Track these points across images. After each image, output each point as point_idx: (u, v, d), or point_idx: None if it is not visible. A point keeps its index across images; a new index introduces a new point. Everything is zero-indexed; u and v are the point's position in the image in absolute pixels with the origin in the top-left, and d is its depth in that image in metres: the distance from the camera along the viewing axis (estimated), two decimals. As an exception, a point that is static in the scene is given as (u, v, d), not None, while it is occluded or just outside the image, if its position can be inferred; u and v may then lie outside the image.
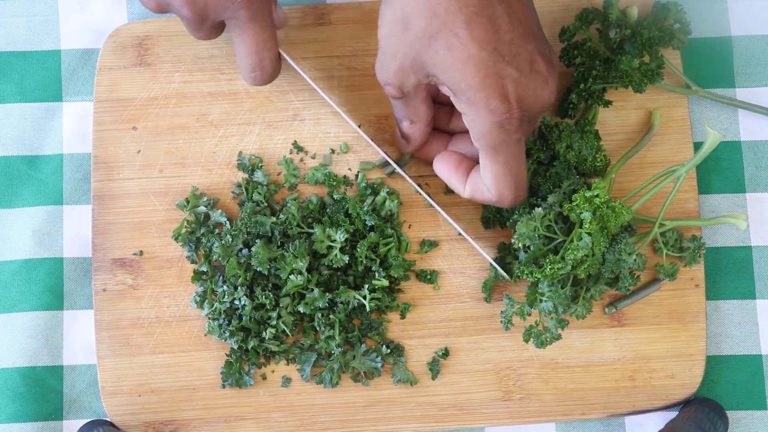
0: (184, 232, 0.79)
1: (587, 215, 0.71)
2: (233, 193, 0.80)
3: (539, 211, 0.73)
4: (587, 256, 0.72)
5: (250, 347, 0.77)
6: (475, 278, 0.79)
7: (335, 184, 0.80)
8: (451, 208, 0.80)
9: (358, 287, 0.77)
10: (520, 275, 0.73)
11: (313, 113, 0.81)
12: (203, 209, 0.79)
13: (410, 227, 0.80)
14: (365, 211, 0.77)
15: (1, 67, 0.83)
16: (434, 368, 0.78)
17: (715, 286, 0.81)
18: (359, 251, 0.76)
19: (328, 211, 0.78)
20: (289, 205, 0.78)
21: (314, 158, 0.81)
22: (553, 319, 0.73)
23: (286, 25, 0.77)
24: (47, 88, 0.83)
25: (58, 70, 0.83)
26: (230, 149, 0.81)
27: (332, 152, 0.81)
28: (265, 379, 0.78)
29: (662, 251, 0.77)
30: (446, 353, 0.78)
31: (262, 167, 0.80)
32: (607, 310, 0.78)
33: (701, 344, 0.79)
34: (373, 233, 0.77)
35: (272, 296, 0.76)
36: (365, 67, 0.81)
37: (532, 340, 0.74)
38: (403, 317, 0.79)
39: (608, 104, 0.79)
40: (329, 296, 0.76)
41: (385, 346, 0.78)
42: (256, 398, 0.78)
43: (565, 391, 0.78)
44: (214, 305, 0.77)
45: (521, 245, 0.73)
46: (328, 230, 0.76)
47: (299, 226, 0.78)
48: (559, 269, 0.71)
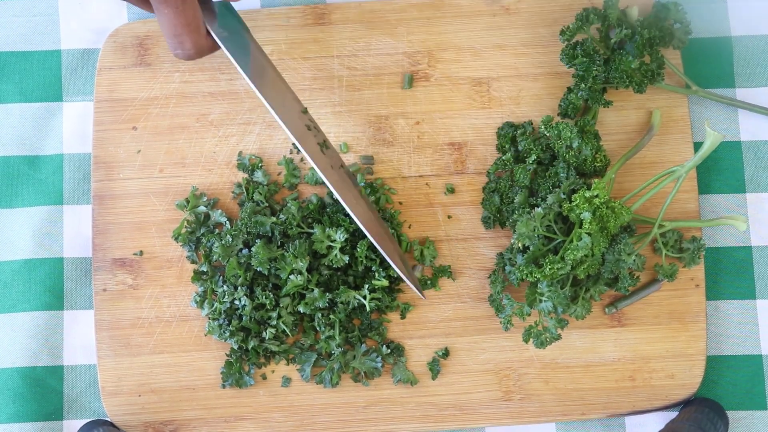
0: (184, 232, 0.79)
1: (587, 215, 0.71)
2: (233, 193, 0.80)
3: (539, 211, 0.73)
4: (587, 256, 0.72)
5: (250, 347, 0.77)
6: (475, 278, 0.79)
7: (335, 184, 0.80)
8: (450, 208, 0.80)
9: (358, 287, 0.77)
10: (520, 276, 0.73)
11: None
12: (203, 209, 0.79)
13: (410, 227, 0.80)
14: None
15: (1, 67, 0.83)
16: (434, 368, 0.78)
17: (715, 286, 0.81)
18: (359, 251, 0.76)
19: (327, 210, 0.78)
20: (289, 205, 0.78)
21: (314, 158, 0.81)
22: (552, 319, 0.73)
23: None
24: (47, 88, 0.83)
25: (58, 70, 0.83)
26: (230, 149, 0.81)
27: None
28: (265, 379, 0.78)
29: (662, 252, 0.77)
30: (446, 353, 0.78)
31: (262, 167, 0.80)
32: (607, 310, 0.78)
33: (701, 344, 0.79)
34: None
35: (272, 296, 0.76)
36: (365, 67, 0.81)
37: (531, 340, 0.74)
38: (403, 317, 0.79)
39: (608, 104, 0.79)
40: (329, 296, 0.76)
41: (385, 346, 0.78)
42: (256, 398, 0.78)
43: (565, 391, 0.78)
44: (214, 305, 0.77)
45: (521, 245, 0.73)
46: (327, 230, 0.76)
47: (299, 226, 0.78)
48: (558, 269, 0.71)
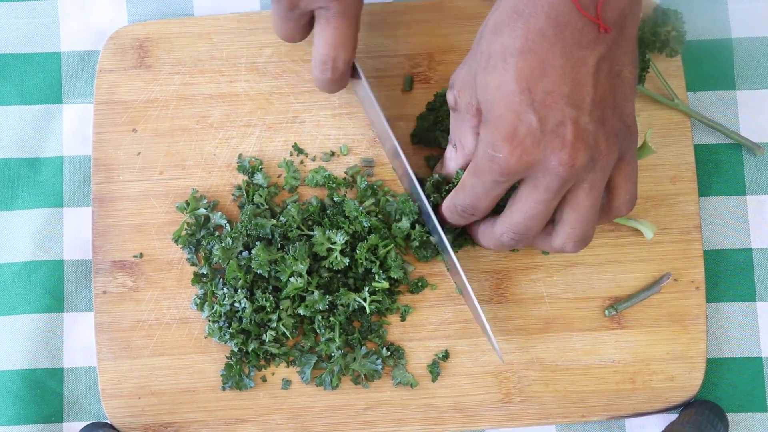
0: (184, 234, 0.79)
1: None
2: (233, 195, 0.80)
3: None
4: None
5: (250, 349, 0.77)
6: (475, 280, 0.79)
7: (335, 186, 0.79)
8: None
9: (358, 290, 0.77)
10: None
11: (313, 115, 0.81)
12: (203, 211, 0.79)
13: (410, 229, 0.80)
14: (362, 212, 0.77)
15: (1, 69, 0.83)
16: (434, 370, 0.78)
17: (715, 288, 0.81)
18: (358, 253, 0.76)
19: (327, 213, 0.78)
20: (289, 207, 0.78)
21: (314, 160, 0.81)
22: None
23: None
24: (47, 90, 0.83)
25: (58, 72, 0.83)
26: (230, 151, 0.81)
27: (332, 154, 0.81)
28: (265, 381, 0.78)
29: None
30: (446, 355, 0.78)
31: (262, 169, 0.80)
32: (607, 312, 0.78)
33: (701, 346, 0.79)
34: (372, 235, 0.77)
35: (272, 299, 0.76)
36: (365, 67, 0.81)
37: None
38: (403, 319, 0.79)
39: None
40: (329, 298, 0.76)
41: (385, 348, 0.78)
42: (256, 400, 0.78)
43: (565, 393, 0.78)
44: (214, 308, 0.77)
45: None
46: (327, 232, 0.76)
47: (299, 228, 0.78)
48: None
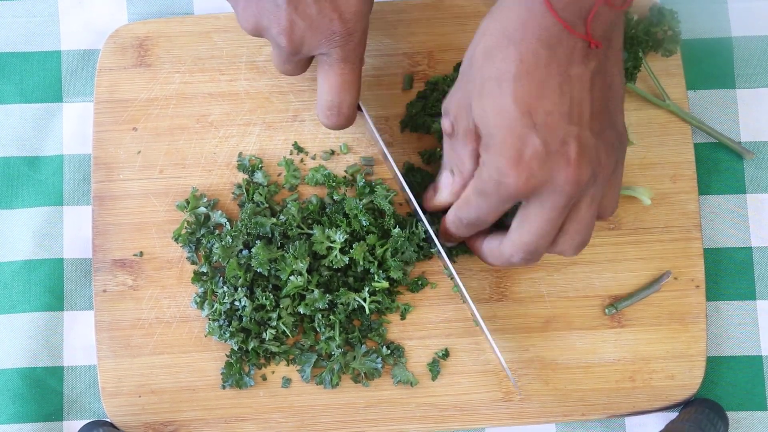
0: (184, 233, 0.79)
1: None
2: (233, 194, 0.80)
3: None
4: None
5: (250, 348, 0.77)
6: (475, 279, 0.79)
7: (335, 185, 0.79)
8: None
9: (358, 289, 0.77)
10: None
11: (312, 114, 0.81)
12: (203, 210, 0.79)
13: (410, 228, 0.80)
14: (361, 210, 0.77)
15: (1, 67, 0.83)
16: (434, 369, 0.78)
17: (715, 287, 0.81)
18: (356, 253, 0.76)
19: (327, 211, 0.78)
20: (289, 206, 0.78)
21: (314, 159, 0.81)
22: None
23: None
24: (47, 88, 0.83)
25: (58, 70, 0.83)
26: (230, 150, 0.81)
27: (332, 153, 0.81)
28: (265, 379, 0.78)
29: None
30: (446, 354, 0.78)
31: (262, 168, 0.80)
32: (607, 311, 0.78)
33: (701, 345, 0.79)
34: (370, 235, 0.76)
35: (272, 297, 0.76)
36: (365, 68, 0.81)
37: None
38: (403, 318, 0.79)
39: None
40: (329, 297, 0.76)
41: (385, 347, 0.78)
42: (256, 399, 0.78)
43: (565, 391, 0.78)
44: (214, 306, 0.77)
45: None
46: (327, 231, 0.76)
47: (299, 227, 0.78)
48: None
